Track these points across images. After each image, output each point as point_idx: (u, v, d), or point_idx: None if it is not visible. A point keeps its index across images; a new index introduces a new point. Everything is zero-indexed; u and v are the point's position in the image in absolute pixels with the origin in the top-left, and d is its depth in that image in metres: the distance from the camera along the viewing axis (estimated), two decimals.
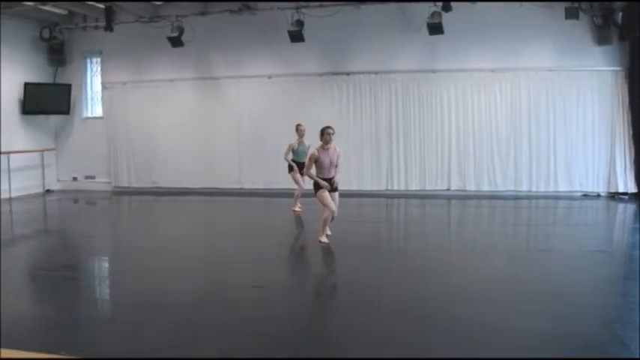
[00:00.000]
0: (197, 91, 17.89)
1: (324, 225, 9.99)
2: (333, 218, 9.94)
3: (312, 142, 11.48)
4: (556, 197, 15.26)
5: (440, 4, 14.52)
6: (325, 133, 9.69)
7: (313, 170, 9.76)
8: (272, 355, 5.38)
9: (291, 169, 13.45)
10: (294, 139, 13.39)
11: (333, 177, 9.82)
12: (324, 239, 10.00)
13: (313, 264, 9.52)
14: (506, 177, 15.92)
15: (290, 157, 13.38)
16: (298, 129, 13.33)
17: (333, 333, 6.07)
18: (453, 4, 14.53)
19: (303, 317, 6.61)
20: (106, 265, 9.96)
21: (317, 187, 9.76)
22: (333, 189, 9.82)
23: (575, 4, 14.28)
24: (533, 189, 15.75)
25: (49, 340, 5.73)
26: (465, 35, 15.45)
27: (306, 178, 10.46)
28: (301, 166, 12.51)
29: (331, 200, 9.76)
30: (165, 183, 18.14)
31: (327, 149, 9.72)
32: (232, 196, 17.08)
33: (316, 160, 9.69)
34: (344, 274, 8.53)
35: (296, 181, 13.41)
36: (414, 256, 9.53)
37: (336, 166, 9.87)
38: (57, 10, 16.84)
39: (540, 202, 14.98)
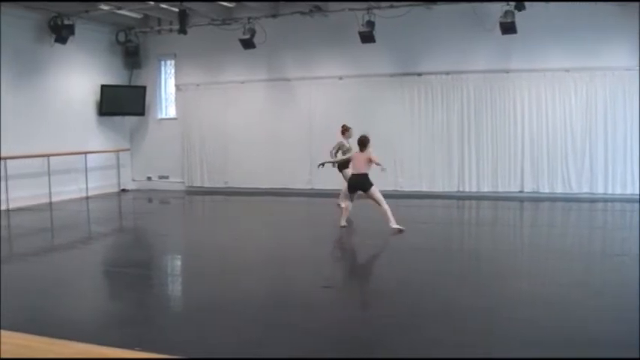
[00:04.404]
0: (268, 92, 18.07)
1: (345, 213, 11.71)
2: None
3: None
4: (633, 200, 14.82)
5: (513, 3, 14.28)
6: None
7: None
8: (340, 356, 5.38)
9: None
10: (342, 138, 13.54)
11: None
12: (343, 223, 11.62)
13: (383, 265, 9.66)
14: (581, 179, 15.53)
15: (340, 155, 13.33)
16: (348, 130, 13.48)
17: (399, 337, 5.99)
18: (526, 3, 14.27)
19: (368, 320, 6.64)
20: (177, 263, 10.22)
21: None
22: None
23: None
24: (609, 191, 15.31)
25: (123, 335, 5.89)
26: (538, 34, 15.13)
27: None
28: (341, 164, 13.20)
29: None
30: (237, 183, 18.35)
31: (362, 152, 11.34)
32: (303, 196, 17.18)
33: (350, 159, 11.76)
34: (414, 276, 8.41)
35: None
36: (485, 259, 9.48)
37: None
38: (132, 14, 17.28)
39: (616, 204, 14.62)
